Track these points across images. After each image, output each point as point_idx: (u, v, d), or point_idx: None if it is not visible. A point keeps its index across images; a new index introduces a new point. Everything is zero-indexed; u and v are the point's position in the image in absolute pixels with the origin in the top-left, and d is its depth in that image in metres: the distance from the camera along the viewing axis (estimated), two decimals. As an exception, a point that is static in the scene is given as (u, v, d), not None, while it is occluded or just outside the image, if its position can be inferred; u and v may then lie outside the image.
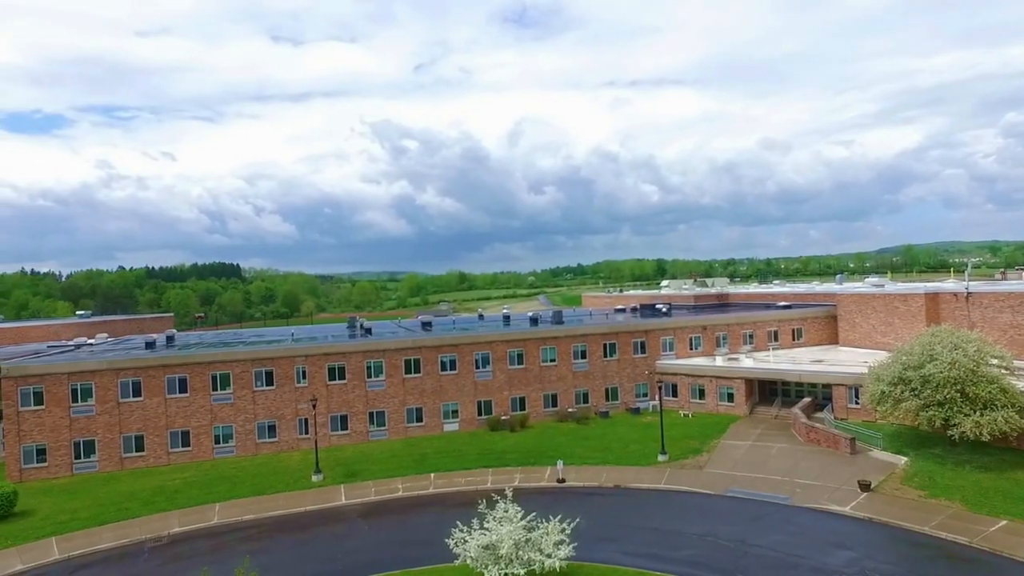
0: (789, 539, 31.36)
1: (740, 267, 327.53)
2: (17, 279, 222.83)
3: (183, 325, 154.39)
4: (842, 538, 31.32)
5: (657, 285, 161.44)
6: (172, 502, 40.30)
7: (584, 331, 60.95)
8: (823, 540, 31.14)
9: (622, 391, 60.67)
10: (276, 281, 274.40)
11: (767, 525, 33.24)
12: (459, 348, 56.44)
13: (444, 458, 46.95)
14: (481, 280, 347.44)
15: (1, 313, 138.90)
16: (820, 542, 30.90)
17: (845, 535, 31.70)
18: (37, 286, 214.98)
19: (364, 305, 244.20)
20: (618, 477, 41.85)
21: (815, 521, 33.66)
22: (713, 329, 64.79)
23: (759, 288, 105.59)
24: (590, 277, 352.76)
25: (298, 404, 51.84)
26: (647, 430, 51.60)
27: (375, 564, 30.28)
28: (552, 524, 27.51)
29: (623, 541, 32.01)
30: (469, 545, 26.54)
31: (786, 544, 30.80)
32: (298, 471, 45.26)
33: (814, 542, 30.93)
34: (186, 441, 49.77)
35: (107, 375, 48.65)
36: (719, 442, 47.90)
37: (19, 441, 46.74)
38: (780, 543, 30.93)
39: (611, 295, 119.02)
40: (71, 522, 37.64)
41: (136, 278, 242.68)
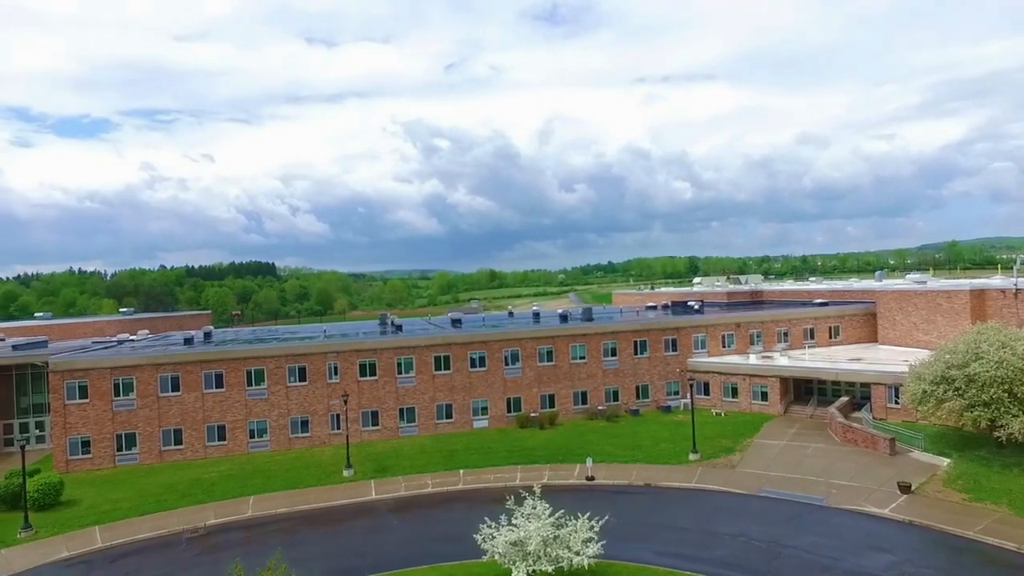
0: (824, 541, 30.58)
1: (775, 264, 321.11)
2: (65, 278, 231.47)
3: (220, 322, 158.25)
4: (880, 541, 30.40)
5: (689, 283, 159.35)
6: (209, 494, 41.25)
7: (614, 328, 60.45)
8: (860, 542, 30.28)
9: (653, 389, 60.00)
10: (310, 279, 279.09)
11: (801, 526, 32.48)
12: (488, 345, 56.52)
13: (473, 454, 47.08)
14: (511, 278, 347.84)
15: (50, 310, 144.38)
16: (857, 544, 30.05)
17: (884, 538, 30.76)
18: (84, 285, 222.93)
19: (395, 303, 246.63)
20: (648, 475, 41.39)
21: (852, 523, 32.76)
22: (747, 327, 63.58)
23: (795, 285, 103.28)
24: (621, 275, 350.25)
25: (330, 400, 52.57)
26: (678, 428, 50.93)
27: (405, 558, 30.51)
28: (581, 521, 27.33)
29: (653, 540, 31.63)
30: (497, 541, 26.53)
31: (821, 546, 30.03)
32: (330, 466, 45.90)
33: (851, 544, 30.09)
34: (222, 435, 50.91)
35: (147, 370, 50.06)
36: (752, 441, 47.00)
37: (65, 433, 48.40)
38: (815, 544, 30.18)
39: (642, 292, 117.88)
40: (113, 512, 38.84)
41: (176, 277, 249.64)
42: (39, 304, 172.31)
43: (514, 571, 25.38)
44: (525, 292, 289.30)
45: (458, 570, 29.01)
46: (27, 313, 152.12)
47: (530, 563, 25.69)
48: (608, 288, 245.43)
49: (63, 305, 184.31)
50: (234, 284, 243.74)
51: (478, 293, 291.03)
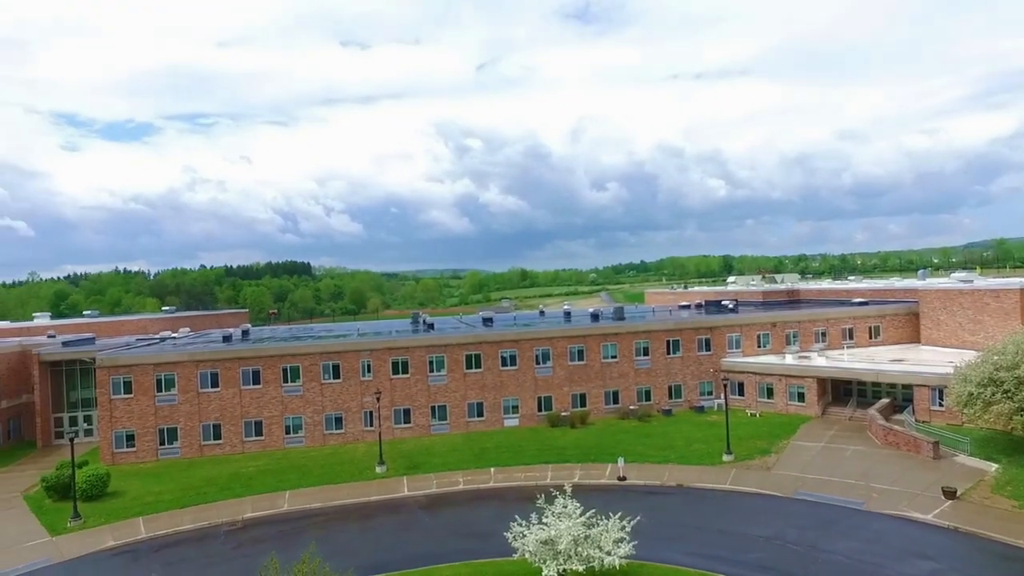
0: (864, 546, 29.78)
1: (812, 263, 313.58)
2: (111, 278, 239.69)
3: (257, 320, 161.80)
4: (923, 547, 29.47)
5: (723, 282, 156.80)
6: (246, 488, 42.23)
7: (646, 327, 59.89)
8: (902, 548, 29.40)
9: (686, 389, 59.25)
10: (344, 279, 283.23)
11: (840, 530, 31.69)
12: (519, 344, 56.58)
13: (504, 453, 47.19)
14: (543, 277, 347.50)
15: (98, 309, 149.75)
16: (898, 550, 29.19)
17: (927, 544, 29.81)
18: (128, 284, 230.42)
19: (427, 302, 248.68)
20: (681, 476, 40.91)
21: (893, 528, 31.82)
22: (783, 326, 62.30)
23: (833, 284, 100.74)
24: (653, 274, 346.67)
25: (363, 397, 53.30)
26: (711, 429, 50.20)
27: (435, 555, 30.76)
28: (612, 521, 27.16)
29: (685, 541, 31.26)
30: (527, 539, 26.53)
31: (860, 551, 29.26)
32: (363, 462, 46.54)
33: (892, 550, 29.24)
34: (259, 431, 52.06)
35: (188, 366, 51.49)
36: (788, 443, 46.04)
37: (111, 427, 50.11)
38: (854, 550, 29.41)
39: (675, 292, 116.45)
40: (156, 504, 40.07)
41: (216, 276, 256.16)
42: (87, 303, 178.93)
43: (544, 570, 25.35)
44: (556, 291, 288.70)
45: (488, 568, 29.12)
46: (76, 311, 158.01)
47: (561, 562, 25.63)
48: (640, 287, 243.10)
49: (109, 304, 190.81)
50: (271, 283, 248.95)
51: (509, 292, 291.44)
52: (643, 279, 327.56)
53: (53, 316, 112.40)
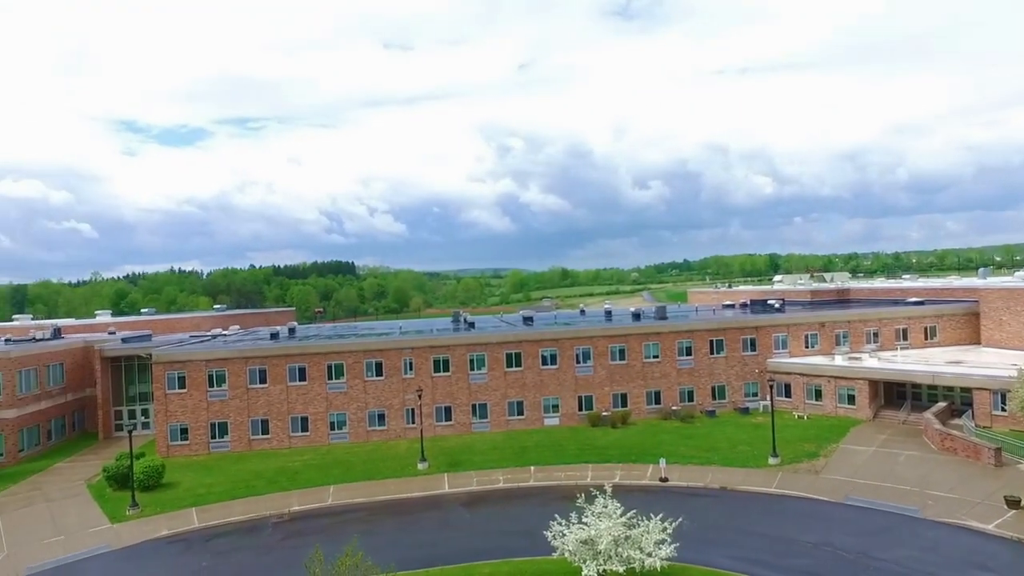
0: (919, 555, 28.64)
1: (864, 261, 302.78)
2: (167, 277, 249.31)
3: (304, 319, 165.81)
4: (984, 559, 28.16)
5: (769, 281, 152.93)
6: (293, 482, 43.35)
7: (689, 327, 58.93)
8: (960, 559, 28.16)
9: (730, 390, 58.06)
10: (387, 278, 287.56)
11: (893, 538, 30.56)
12: (560, 343, 56.43)
13: (544, 452, 47.16)
14: (583, 276, 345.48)
15: (154, 307, 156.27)
16: (957, 561, 27.97)
17: (988, 556, 28.47)
18: (183, 283, 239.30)
19: (469, 301, 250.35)
20: (725, 478, 40.13)
21: (950, 537, 30.51)
22: (832, 326, 60.41)
23: (886, 283, 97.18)
24: (697, 273, 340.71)
25: (405, 394, 54.05)
26: (757, 431, 49.06)
27: (476, 552, 30.97)
28: (653, 522, 26.82)
29: (729, 545, 30.65)
30: (567, 539, 26.44)
31: (916, 560, 28.15)
32: (405, 459, 47.20)
33: (949, 560, 28.04)
34: (305, 426, 53.36)
35: (237, 363, 53.15)
36: (838, 446, 44.62)
37: (166, 420, 52.15)
38: (908, 559, 28.32)
39: (719, 291, 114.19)
40: (208, 495, 41.52)
41: (264, 276, 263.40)
42: (144, 301, 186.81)
43: (584, 569, 25.23)
44: (597, 290, 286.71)
45: (528, 566, 29.16)
46: (134, 309, 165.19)
47: (600, 562, 25.47)
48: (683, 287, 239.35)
49: (165, 302, 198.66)
50: (316, 283, 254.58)
51: (550, 292, 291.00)
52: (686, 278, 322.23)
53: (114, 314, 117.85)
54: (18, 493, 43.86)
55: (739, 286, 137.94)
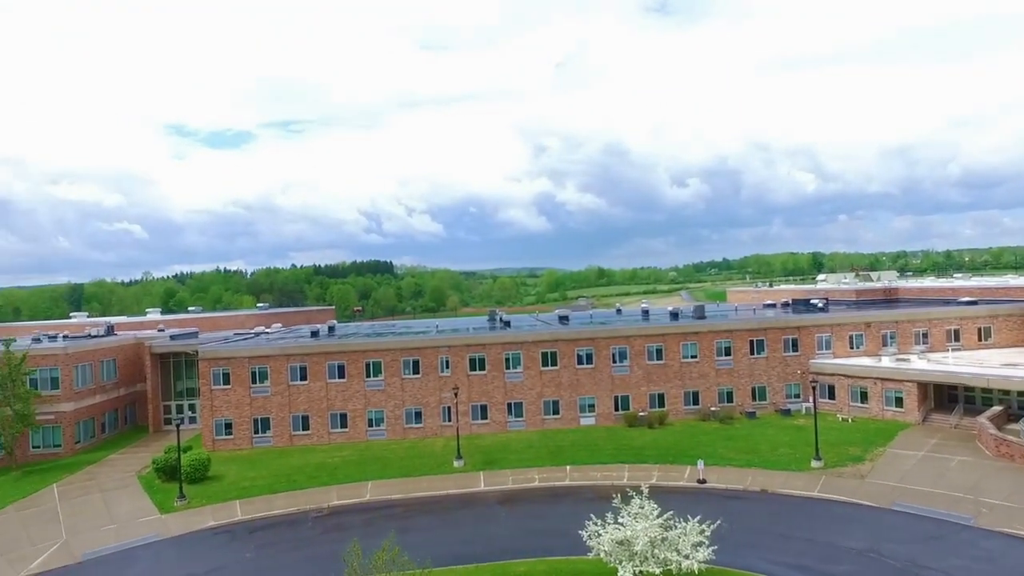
0: (973, 565, 27.56)
1: (912, 260, 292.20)
2: (213, 277, 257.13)
3: (343, 317, 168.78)
4: (1041, 569, 26.92)
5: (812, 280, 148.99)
6: (332, 477, 44.20)
7: (729, 327, 57.89)
8: (1017, 571, 27.00)
9: (771, 391, 56.82)
10: (424, 277, 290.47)
11: (944, 547, 29.47)
12: (596, 342, 56.12)
13: (580, 451, 46.98)
14: (620, 276, 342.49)
15: (201, 305, 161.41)
16: (1013, 573, 26.82)
17: (1046, 566, 27.20)
18: (228, 282, 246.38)
19: (505, 300, 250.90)
20: (765, 481, 39.31)
21: (1007, 548, 29.25)
22: (878, 326, 58.54)
23: (936, 282, 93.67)
24: (736, 272, 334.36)
25: (442, 392, 54.52)
26: (799, 433, 47.91)
27: (511, 550, 31.08)
28: (691, 524, 26.45)
29: (769, 549, 30.03)
30: (603, 539, 26.28)
31: (968, 571, 27.11)
32: (441, 456, 47.63)
33: (1005, 572, 26.92)
34: (344, 423, 54.33)
35: (279, 360, 54.46)
36: (885, 450, 43.23)
37: (212, 415, 53.78)
38: (960, 568, 27.28)
39: (759, 290, 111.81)
40: (251, 488, 42.67)
41: (305, 275, 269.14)
42: (192, 299, 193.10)
43: (620, 571, 25.05)
44: (634, 290, 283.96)
45: (564, 565, 29.12)
46: (182, 307, 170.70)
47: (637, 563, 25.24)
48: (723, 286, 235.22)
49: (211, 301, 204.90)
50: (355, 282, 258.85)
51: (586, 291, 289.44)
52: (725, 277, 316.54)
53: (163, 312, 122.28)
54: (75, 482, 45.86)
55: (780, 285, 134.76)
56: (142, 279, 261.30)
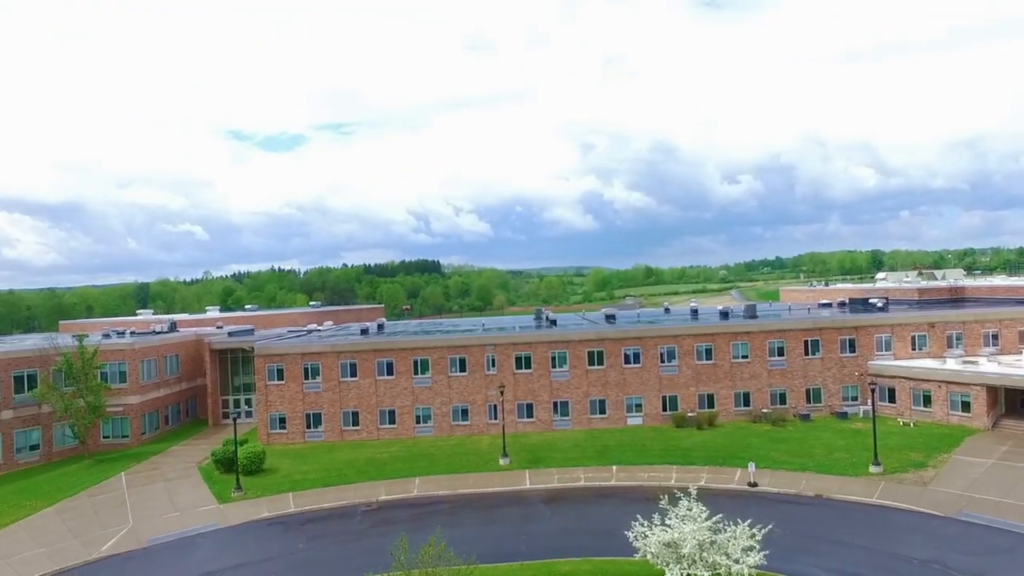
0: (1045, 579, 25.97)
1: (981, 258, 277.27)
2: (268, 276, 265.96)
3: (392, 315, 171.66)
4: (1125, 587, 25.15)
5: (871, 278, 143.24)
6: (380, 473, 45.04)
7: (781, 326, 56.25)
8: (1096, 586, 25.30)
9: (826, 393, 54.92)
10: (471, 276, 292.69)
11: (1017, 560, 27.89)
12: (643, 341, 55.40)
13: (626, 451, 46.50)
14: (668, 274, 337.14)
15: (257, 303, 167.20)
16: (1091, 588, 25.15)
17: None
18: (282, 281, 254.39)
19: (551, 299, 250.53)
20: (820, 486, 38.03)
21: (1085, 562, 27.45)
22: (943, 327, 55.82)
23: (1008, 281, 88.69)
24: (790, 271, 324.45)
25: (488, 390, 54.84)
26: (856, 437, 46.16)
27: (556, 549, 31.01)
28: (741, 528, 25.78)
29: (824, 556, 29.04)
30: (650, 540, 25.90)
31: (1041, 585, 25.56)
32: (487, 454, 47.91)
33: (1082, 587, 25.25)
34: (392, 419, 55.30)
35: (330, 356, 55.84)
36: (950, 457, 41.21)
37: (267, 410, 55.59)
38: (1032, 583, 25.74)
39: (814, 289, 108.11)
40: (303, 482, 43.92)
41: (356, 274, 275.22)
42: (249, 298, 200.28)
43: (667, 573, 24.63)
44: (683, 289, 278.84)
45: (610, 566, 28.88)
46: (239, 305, 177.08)
47: (684, 566, 24.77)
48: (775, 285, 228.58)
49: (267, 299, 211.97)
50: (404, 281, 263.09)
51: (634, 290, 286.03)
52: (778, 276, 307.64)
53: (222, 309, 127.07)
54: (141, 471, 48.18)
55: (837, 284, 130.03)
56: (203, 278, 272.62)
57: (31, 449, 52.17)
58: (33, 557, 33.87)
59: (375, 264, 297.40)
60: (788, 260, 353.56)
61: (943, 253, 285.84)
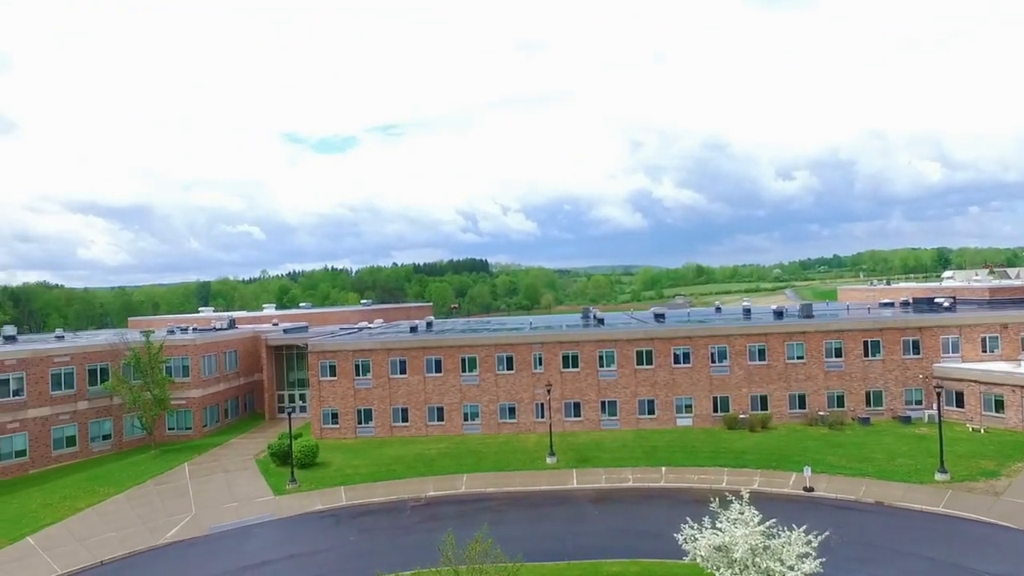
0: None
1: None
2: (322, 275, 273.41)
3: (440, 314, 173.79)
4: None
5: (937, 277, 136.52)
6: (429, 469, 45.68)
7: (839, 326, 54.25)
8: None
9: (887, 396, 52.66)
10: (519, 275, 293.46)
11: (1097, 577, 26.11)
12: (693, 341, 54.37)
13: (676, 453, 45.76)
14: (720, 273, 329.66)
15: (311, 301, 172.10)
16: None
17: None
18: (335, 280, 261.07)
19: (599, 298, 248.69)
20: (880, 493, 36.53)
21: None
22: (1017, 328, 52.69)
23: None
24: (849, 269, 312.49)
25: (535, 389, 54.86)
26: (920, 443, 44.12)
27: (603, 550, 30.79)
28: (796, 534, 24.97)
29: (885, 566, 27.90)
30: (699, 544, 25.39)
31: None
32: (534, 452, 47.95)
33: None
34: (440, 416, 55.99)
35: (380, 354, 56.94)
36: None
37: (320, 405, 57.15)
38: (1117, 602, 24.07)
39: (874, 288, 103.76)
40: (354, 476, 44.96)
41: (405, 273, 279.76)
42: (303, 296, 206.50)
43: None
44: (735, 288, 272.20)
45: (658, 568, 28.51)
46: (294, 303, 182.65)
47: (736, 571, 24.19)
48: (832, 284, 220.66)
49: (320, 297, 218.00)
50: (452, 280, 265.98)
51: (684, 289, 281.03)
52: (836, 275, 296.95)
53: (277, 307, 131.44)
54: (202, 463, 50.28)
55: (899, 283, 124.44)
56: (260, 277, 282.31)
57: (103, 439, 55.19)
58: (106, 540, 35.84)
59: (424, 263, 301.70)
60: (847, 258, 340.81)
61: (1017, 251, 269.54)
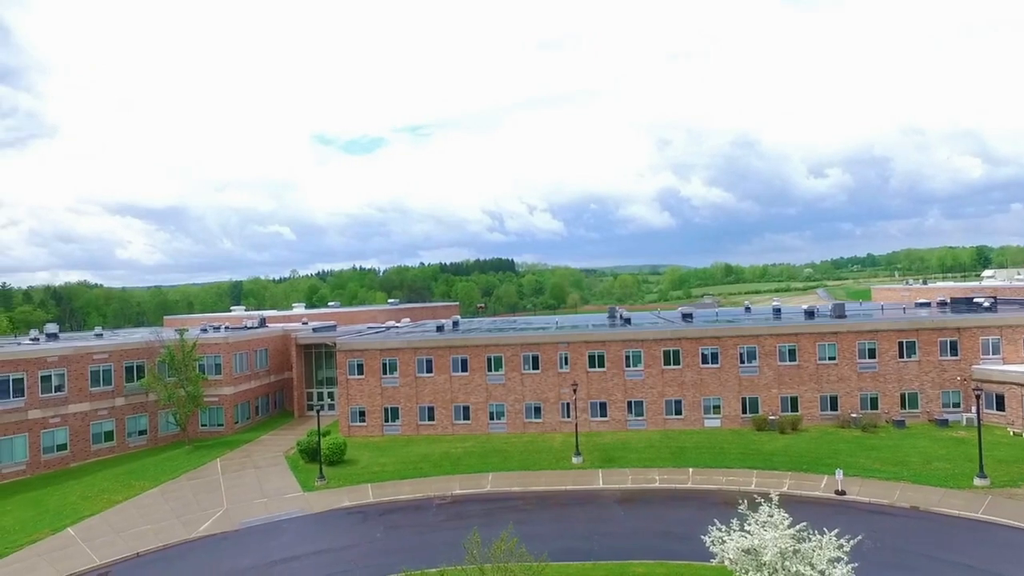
0: None
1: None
2: (350, 274, 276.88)
3: (467, 313, 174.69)
4: None
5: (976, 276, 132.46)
6: (455, 467, 45.89)
7: (873, 327, 52.99)
8: None
9: (923, 398, 51.29)
10: (545, 275, 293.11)
11: None
12: (721, 341, 53.66)
13: (703, 454, 45.21)
14: (749, 273, 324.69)
15: (339, 300, 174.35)
16: None
17: None
18: (363, 279, 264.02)
19: (625, 298, 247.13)
20: (916, 497, 35.58)
21: None
22: (1062, 329, 50.83)
23: None
24: (883, 268, 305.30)
25: (561, 388, 54.73)
26: (958, 447, 42.87)
27: (629, 550, 30.58)
28: (827, 537, 24.45)
29: (920, 572, 27.20)
30: (727, 546, 25.03)
31: None
32: (559, 452, 47.84)
33: None
34: (466, 415, 56.21)
35: (407, 352, 57.39)
36: (1069, 472, 37.50)
37: (347, 403, 57.83)
38: None
39: (910, 288, 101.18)
40: (381, 473, 45.38)
41: (432, 272, 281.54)
42: (332, 295, 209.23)
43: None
44: (764, 288, 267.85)
45: (685, 570, 28.22)
46: (323, 302, 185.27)
47: (765, 575, 23.83)
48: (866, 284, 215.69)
49: (348, 296, 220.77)
50: (479, 279, 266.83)
51: (712, 288, 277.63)
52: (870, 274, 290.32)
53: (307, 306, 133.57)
54: (234, 458, 51.29)
55: (936, 282, 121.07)
56: (290, 276, 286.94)
57: (139, 434, 56.69)
58: (141, 533, 36.80)
59: (451, 263, 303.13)
60: (881, 257, 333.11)
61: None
